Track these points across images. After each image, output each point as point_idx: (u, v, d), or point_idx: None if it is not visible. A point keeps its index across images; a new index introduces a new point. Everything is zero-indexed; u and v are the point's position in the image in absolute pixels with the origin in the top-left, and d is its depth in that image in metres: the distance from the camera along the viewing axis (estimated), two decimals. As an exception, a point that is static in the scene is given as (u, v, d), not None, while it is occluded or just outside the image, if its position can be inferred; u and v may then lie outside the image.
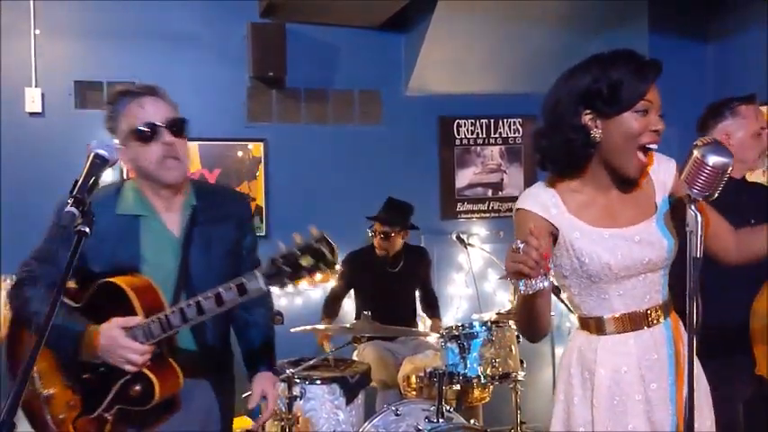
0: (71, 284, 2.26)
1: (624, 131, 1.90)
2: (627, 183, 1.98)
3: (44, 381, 2.24)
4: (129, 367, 2.10)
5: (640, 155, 1.91)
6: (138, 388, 2.12)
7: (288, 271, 1.95)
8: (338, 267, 1.97)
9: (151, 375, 2.11)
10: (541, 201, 1.97)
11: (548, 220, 1.95)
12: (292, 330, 3.91)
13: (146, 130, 2.21)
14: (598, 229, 1.94)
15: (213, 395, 2.34)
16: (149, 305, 2.13)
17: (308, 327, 4.01)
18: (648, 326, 1.97)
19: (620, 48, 1.98)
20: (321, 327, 4.07)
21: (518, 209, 2.01)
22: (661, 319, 1.99)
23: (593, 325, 2.01)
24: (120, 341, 2.08)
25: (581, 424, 1.98)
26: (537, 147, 2.02)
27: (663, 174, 2.02)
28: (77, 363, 2.18)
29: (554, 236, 1.97)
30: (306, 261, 1.94)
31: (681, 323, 2.01)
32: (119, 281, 2.15)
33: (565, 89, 1.96)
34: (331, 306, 4.82)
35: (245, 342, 2.50)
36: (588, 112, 1.92)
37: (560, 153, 1.96)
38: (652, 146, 1.91)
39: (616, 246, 1.93)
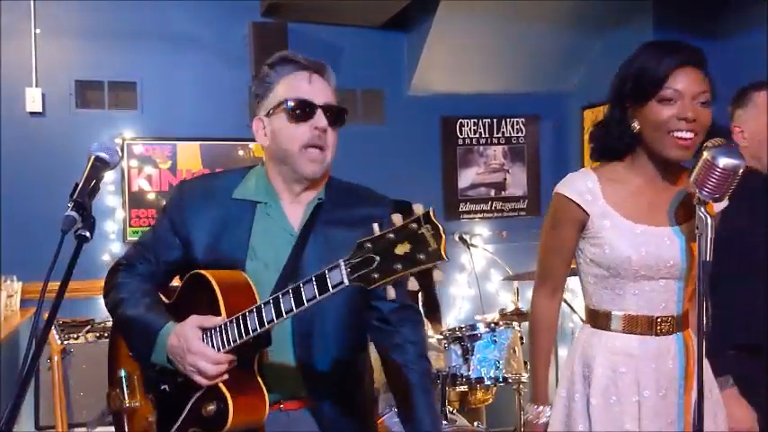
0: (176, 282, 1.97)
1: (652, 121, 1.91)
2: (670, 170, 1.96)
3: (130, 391, 1.94)
4: (199, 379, 1.71)
5: (675, 137, 1.88)
6: (211, 408, 1.72)
7: (377, 261, 1.44)
8: (446, 260, 1.42)
9: (226, 393, 1.70)
10: (577, 187, 1.99)
11: (580, 206, 1.96)
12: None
13: (300, 106, 1.87)
14: (630, 223, 1.94)
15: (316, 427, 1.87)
16: (238, 306, 1.70)
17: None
18: (656, 334, 1.95)
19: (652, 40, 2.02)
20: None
21: (555, 192, 2.03)
22: (673, 330, 1.96)
23: (599, 318, 2.00)
24: (192, 344, 1.71)
25: (579, 421, 1.98)
26: (590, 136, 2.07)
27: None
28: (157, 370, 1.83)
29: (584, 223, 1.98)
30: (402, 249, 1.42)
31: (693, 341, 1.98)
32: (208, 273, 1.79)
33: (611, 81, 2.02)
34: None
35: (397, 389, 1.99)
36: (624, 104, 1.96)
37: (602, 143, 2.02)
38: (683, 134, 1.88)
39: (644, 242, 1.91)
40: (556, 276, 2.09)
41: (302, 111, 1.87)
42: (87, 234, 1.56)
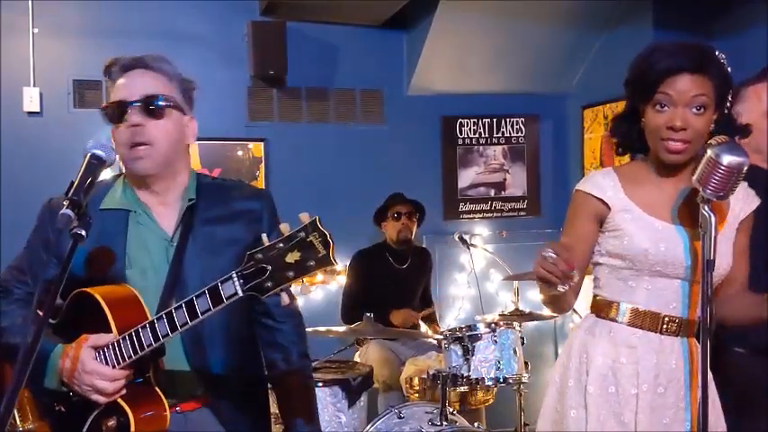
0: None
1: (648, 125, 1.93)
2: (681, 168, 1.96)
3: (21, 414, 1.90)
4: (97, 397, 1.71)
5: (666, 142, 1.89)
6: (111, 423, 1.71)
7: (269, 270, 1.51)
8: (336, 265, 1.52)
9: (125, 407, 1.71)
10: (598, 182, 2.00)
11: (602, 200, 1.97)
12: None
13: (112, 109, 1.86)
14: (651, 218, 1.94)
15: (217, 424, 1.88)
16: (128, 320, 1.72)
17: (309, 329, 3.96)
18: (660, 332, 1.95)
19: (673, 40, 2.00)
20: (322, 329, 4.02)
21: (575, 190, 2.04)
22: (680, 333, 1.96)
23: (606, 308, 2.00)
24: (86, 364, 1.70)
25: (573, 406, 1.98)
26: (610, 131, 2.10)
27: (740, 208, 1.99)
28: (48, 391, 1.80)
29: (603, 219, 1.98)
30: (292, 257, 1.50)
31: (698, 348, 1.97)
32: (94, 290, 1.77)
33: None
34: (351, 312, 4.55)
35: (279, 389, 2.04)
36: (632, 102, 1.98)
37: (616, 138, 2.05)
38: (673, 143, 1.88)
39: (663, 238, 1.92)
40: None
41: (115, 112, 1.86)
42: (83, 233, 1.54)
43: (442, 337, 3.89)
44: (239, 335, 1.94)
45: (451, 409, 3.57)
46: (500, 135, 5.60)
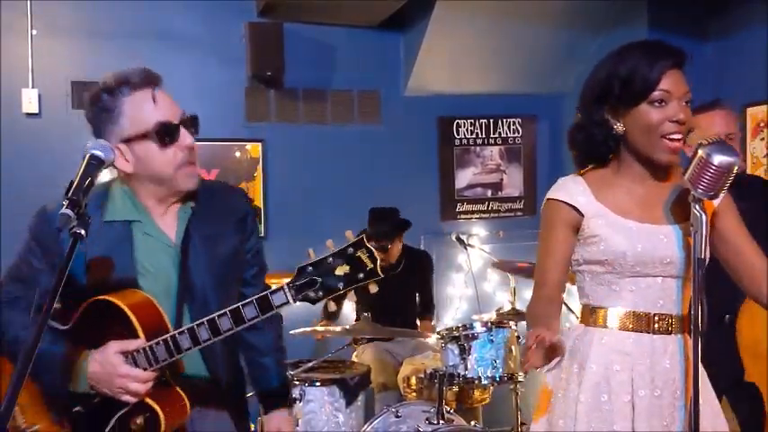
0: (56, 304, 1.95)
1: (643, 124, 1.90)
2: (661, 169, 1.96)
3: (27, 415, 1.98)
4: (128, 398, 1.83)
5: (666, 141, 1.89)
6: (140, 421, 1.84)
7: (319, 282, 1.71)
8: (381, 276, 1.69)
9: (155, 405, 1.84)
10: (568, 189, 1.99)
11: (575, 207, 1.96)
12: (291, 332, 3.89)
13: (163, 131, 1.89)
14: (624, 220, 1.94)
15: (233, 427, 2.06)
16: (150, 324, 1.85)
17: (308, 329, 3.98)
18: (653, 332, 1.93)
19: (639, 40, 1.99)
20: (320, 329, 4.04)
21: (546, 199, 2.03)
22: (671, 330, 1.94)
23: (594, 315, 1.98)
24: (119, 369, 1.81)
25: (560, 416, 1.95)
26: (568, 142, 2.06)
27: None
28: (65, 394, 1.89)
29: (578, 225, 1.97)
30: (341, 270, 1.70)
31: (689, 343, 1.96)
32: (114, 298, 1.86)
33: (588, 84, 2.00)
34: (333, 311, 4.69)
35: (258, 371, 2.23)
36: (607, 106, 1.94)
37: (586, 148, 2.01)
38: (674, 136, 1.89)
39: (639, 239, 1.91)
40: (551, 281, 2.03)
41: (166, 135, 1.90)
42: (82, 232, 1.55)
43: (438, 336, 3.90)
44: (235, 347, 2.13)
45: (448, 408, 3.58)
46: (497, 135, 5.63)
